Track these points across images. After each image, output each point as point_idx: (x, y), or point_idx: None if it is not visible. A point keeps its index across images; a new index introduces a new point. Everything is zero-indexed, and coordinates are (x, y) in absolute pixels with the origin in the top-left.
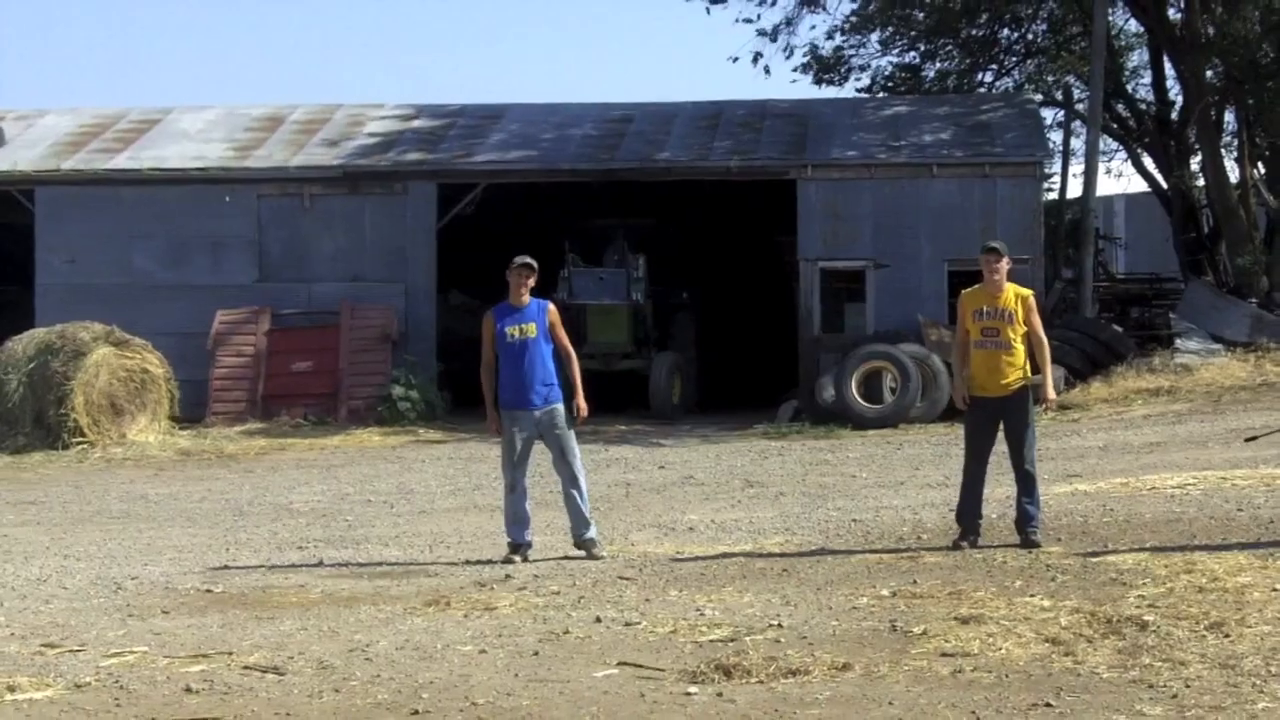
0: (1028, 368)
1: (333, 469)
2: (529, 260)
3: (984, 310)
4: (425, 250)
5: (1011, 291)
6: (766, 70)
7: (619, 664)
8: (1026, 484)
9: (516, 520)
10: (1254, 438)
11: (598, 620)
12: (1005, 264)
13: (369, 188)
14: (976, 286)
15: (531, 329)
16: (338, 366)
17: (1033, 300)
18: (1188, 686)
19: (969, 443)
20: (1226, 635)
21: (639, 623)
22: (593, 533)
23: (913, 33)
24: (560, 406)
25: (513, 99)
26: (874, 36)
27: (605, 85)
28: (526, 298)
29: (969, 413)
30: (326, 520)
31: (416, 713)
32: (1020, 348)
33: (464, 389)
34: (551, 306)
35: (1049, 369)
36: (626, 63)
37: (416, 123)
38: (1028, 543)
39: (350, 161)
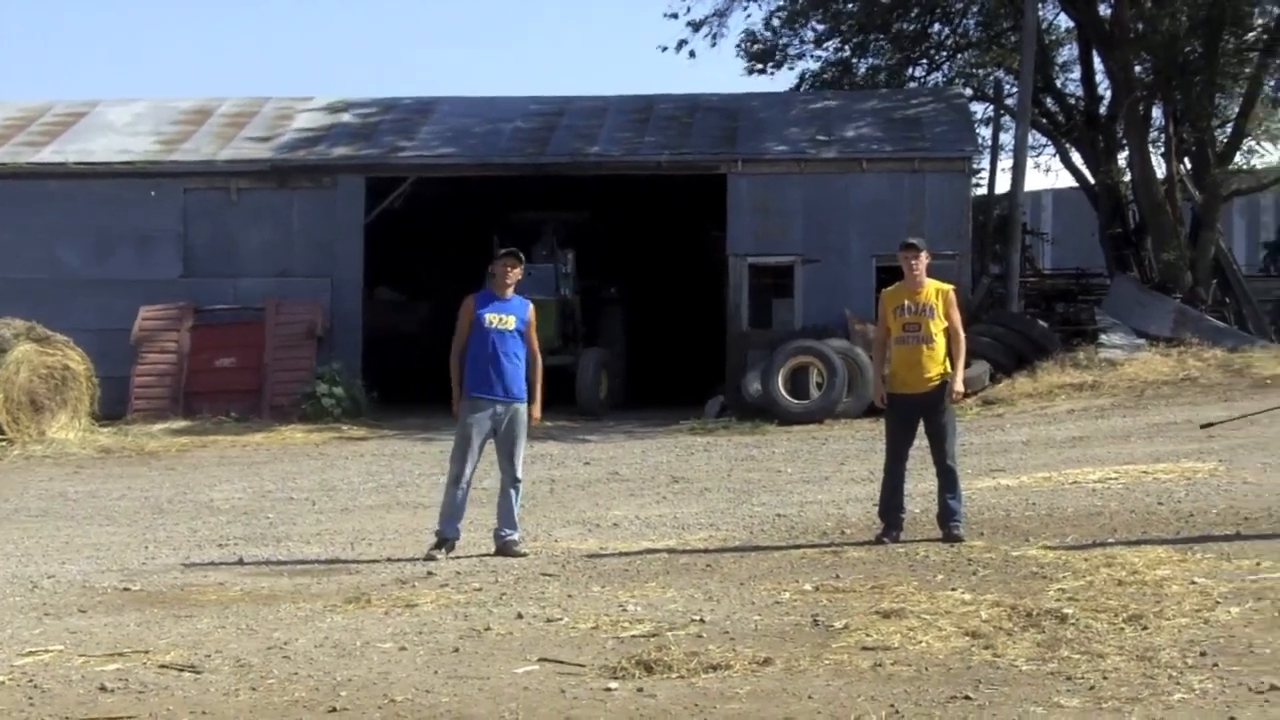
0: (948, 363)
1: (255, 466)
2: (515, 250)
3: (905, 306)
4: (353, 245)
5: (932, 287)
6: (692, 54)
7: (540, 660)
8: (949, 479)
9: (454, 515)
10: (1210, 425)
11: (519, 617)
12: (924, 259)
13: (297, 182)
14: (898, 284)
15: (511, 321)
16: (262, 363)
17: (953, 295)
18: (1105, 678)
19: (890, 438)
20: (1145, 628)
21: (561, 619)
22: (517, 535)
23: (844, 27)
24: (524, 407)
25: (443, 92)
26: (806, 33)
27: (535, 78)
28: (511, 290)
29: (890, 409)
30: (248, 518)
31: (334, 710)
32: (941, 343)
33: (390, 385)
34: (532, 307)
35: (961, 364)
36: (557, 56)
37: (346, 116)
38: (950, 537)
39: (279, 155)
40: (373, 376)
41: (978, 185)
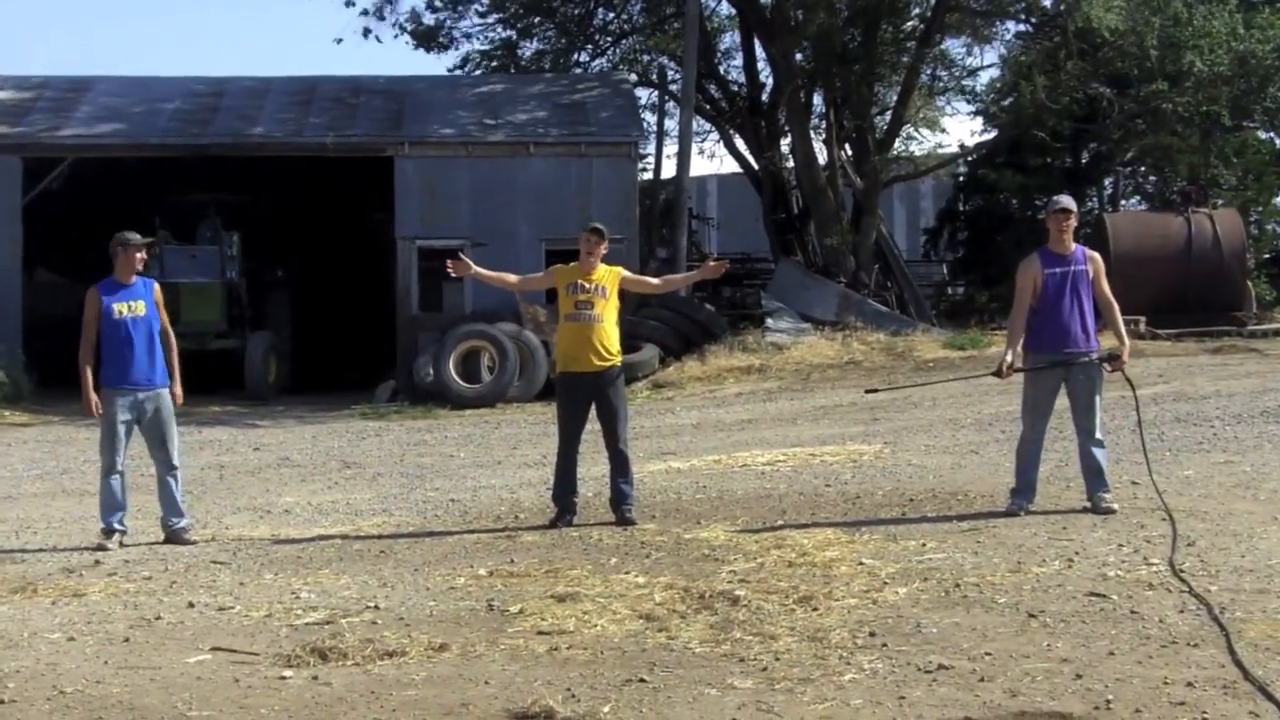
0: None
1: None
2: (137, 237)
3: (578, 284)
4: (9, 227)
5: (603, 268)
6: (376, 37)
7: (212, 649)
8: (620, 463)
9: (115, 505)
10: (874, 390)
11: (190, 605)
12: (604, 248)
13: None
14: (572, 263)
15: (141, 307)
16: None
17: (624, 272)
18: (777, 659)
19: (562, 421)
20: (815, 609)
21: (233, 607)
22: (185, 522)
23: (509, 10)
24: (166, 391)
25: (99, 71)
26: (471, 9)
27: (190, 59)
28: (134, 276)
29: (561, 390)
30: None
31: (2, 703)
32: (612, 324)
33: (51, 369)
34: (157, 285)
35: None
36: (212, 36)
37: None
38: (623, 521)
39: None
40: (33, 361)
41: (644, 170)
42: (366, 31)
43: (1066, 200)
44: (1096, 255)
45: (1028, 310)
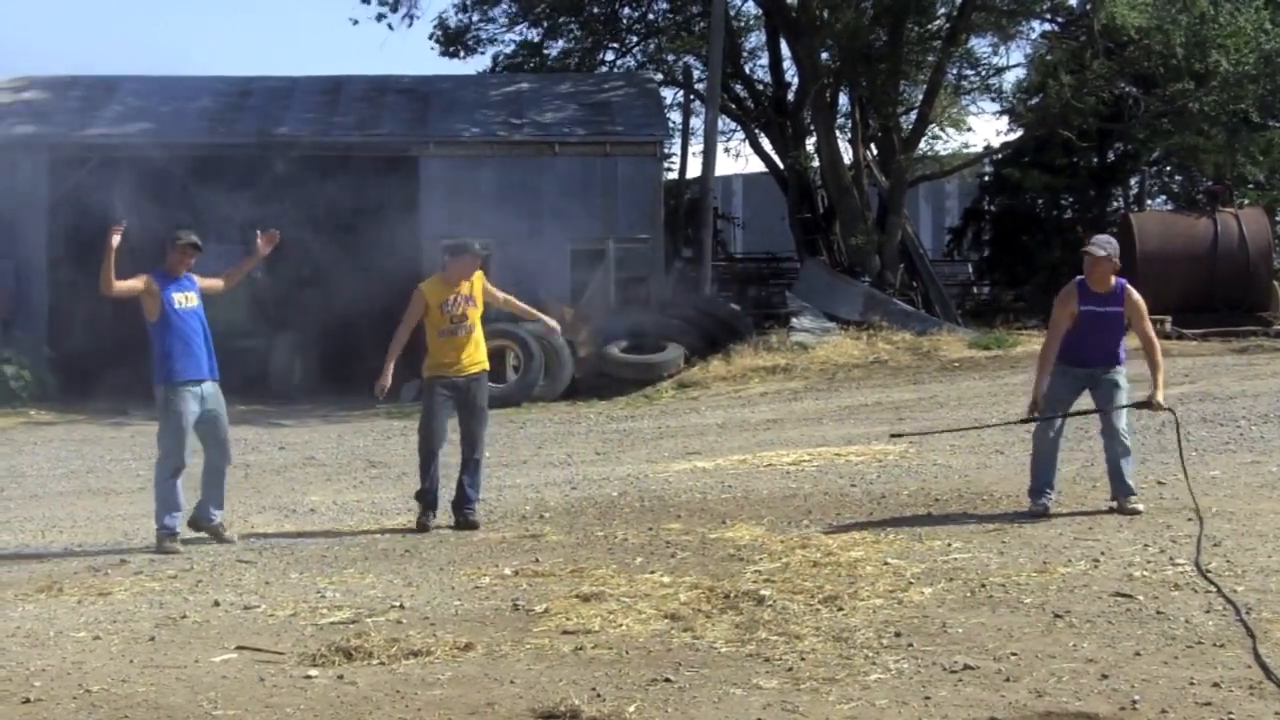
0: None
1: None
2: (196, 241)
3: (450, 300)
4: (36, 226)
5: (466, 281)
6: (390, 26)
7: (238, 648)
8: (473, 466)
9: (176, 506)
10: (899, 435)
11: (216, 604)
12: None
13: None
14: (435, 278)
15: (194, 298)
16: None
17: (483, 278)
18: (803, 659)
19: (432, 423)
20: (840, 609)
21: (258, 606)
22: (222, 517)
23: (535, 10)
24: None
25: (124, 71)
26: (498, 13)
27: (215, 59)
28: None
29: (433, 393)
30: None
31: (29, 701)
32: (480, 330)
33: (77, 368)
34: (198, 278)
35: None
36: (237, 36)
37: (28, 94)
38: (465, 524)
39: None
40: (59, 359)
41: (669, 170)
42: (380, 17)
43: (1094, 247)
44: (1138, 299)
45: (1059, 342)
